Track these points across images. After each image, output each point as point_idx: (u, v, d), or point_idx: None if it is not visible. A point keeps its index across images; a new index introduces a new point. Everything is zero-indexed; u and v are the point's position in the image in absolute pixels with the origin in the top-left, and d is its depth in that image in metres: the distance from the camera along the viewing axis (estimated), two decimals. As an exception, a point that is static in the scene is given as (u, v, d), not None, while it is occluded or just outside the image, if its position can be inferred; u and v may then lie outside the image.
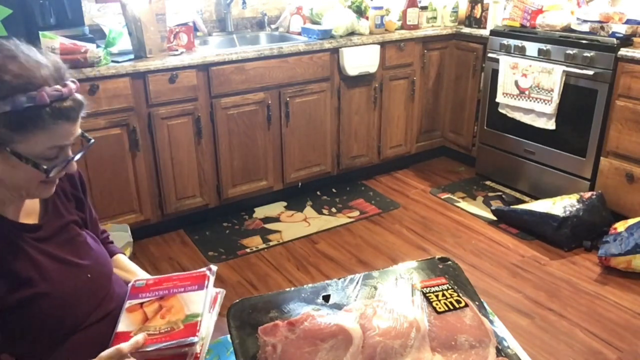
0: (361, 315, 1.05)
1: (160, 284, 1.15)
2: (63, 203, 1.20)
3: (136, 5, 2.67)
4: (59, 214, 1.18)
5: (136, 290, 1.15)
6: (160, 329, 1.05)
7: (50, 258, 1.10)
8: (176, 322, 1.05)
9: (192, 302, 1.08)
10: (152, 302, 1.11)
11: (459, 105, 3.84)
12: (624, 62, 2.82)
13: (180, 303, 1.09)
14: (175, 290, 1.12)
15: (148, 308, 1.10)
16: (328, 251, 2.91)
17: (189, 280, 1.13)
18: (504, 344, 1.07)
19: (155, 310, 1.09)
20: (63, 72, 1.04)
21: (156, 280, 1.17)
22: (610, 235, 2.71)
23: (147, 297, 1.12)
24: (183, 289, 1.11)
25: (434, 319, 1.07)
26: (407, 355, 0.98)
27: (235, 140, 3.05)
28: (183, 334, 1.02)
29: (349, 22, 3.30)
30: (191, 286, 1.12)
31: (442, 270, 1.26)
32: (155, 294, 1.13)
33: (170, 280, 1.15)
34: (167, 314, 1.07)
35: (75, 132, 1.05)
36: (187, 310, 1.06)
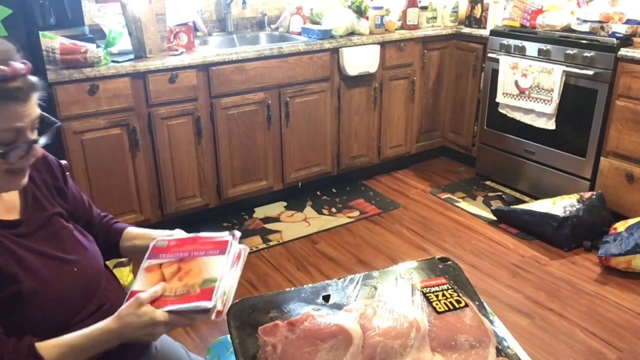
0: (361, 315, 1.05)
1: (182, 245, 1.12)
2: (45, 196, 1.18)
3: (136, 5, 2.67)
4: (41, 208, 1.16)
5: (157, 250, 1.13)
6: (177, 291, 1.03)
7: (34, 254, 1.08)
8: (193, 286, 1.03)
9: (211, 266, 1.06)
10: (171, 263, 1.09)
11: (459, 105, 3.84)
12: (624, 62, 2.82)
13: (199, 266, 1.06)
14: (196, 253, 1.09)
15: (167, 269, 1.08)
16: (328, 251, 2.91)
17: (211, 245, 1.10)
18: (504, 344, 1.07)
19: (173, 272, 1.07)
20: (11, 54, 1.03)
21: (178, 241, 1.14)
22: (610, 235, 2.71)
23: (167, 259, 1.10)
24: (204, 252, 1.09)
25: (434, 319, 1.07)
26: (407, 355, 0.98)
27: (235, 140, 3.05)
28: (199, 297, 1.01)
29: (349, 22, 3.30)
30: (213, 250, 1.09)
31: (442, 270, 1.26)
32: (175, 255, 1.11)
33: (193, 243, 1.12)
34: (185, 277, 1.05)
35: (30, 114, 1.03)
36: (206, 274, 1.04)
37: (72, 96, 2.49)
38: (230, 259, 1.08)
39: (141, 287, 1.05)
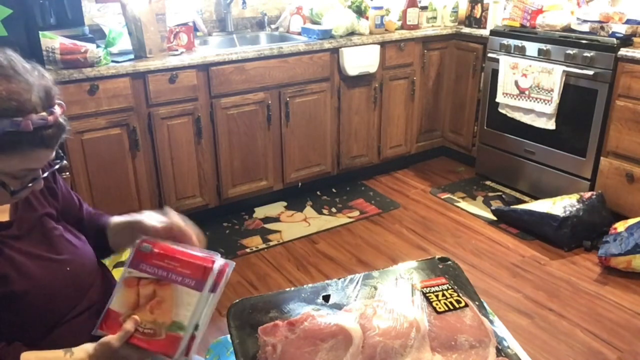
0: (361, 315, 1.05)
1: (163, 259, 1.08)
2: (36, 196, 1.17)
3: (136, 5, 2.67)
4: (32, 209, 1.15)
5: (140, 256, 1.09)
6: (145, 327, 1.02)
7: (25, 255, 1.08)
8: (160, 327, 1.01)
9: (182, 303, 1.03)
10: (149, 282, 1.06)
11: (459, 105, 3.84)
12: (624, 62, 2.82)
13: (172, 299, 1.03)
14: (173, 276, 1.05)
15: (143, 289, 1.06)
16: (328, 251, 2.91)
17: (190, 269, 1.05)
18: (504, 344, 1.07)
19: (148, 296, 1.05)
20: (53, 95, 1.01)
21: (162, 250, 1.09)
22: (610, 235, 2.71)
23: (146, 274, 1.07)
24: (181, 278, 1.04)
25: (434, 319, 1.07)
26: (407, 355, 0.98)
27: (235, 140, 3.05)
28: (162, 346, 1.00)
29: (349, 22, 3.30)
30: (189, 279, 1.04)
31: (442, 270, 1.26)
32: (154, 271, 1.07)
33: (175, 260, 1.07)
34: (156, 309, 1.03)
35: (50, 157, 1.03)
36: (175, 314, 1.02)
37: (72, 96, 2.49)
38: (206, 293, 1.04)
39: (118, 306, 1.06)
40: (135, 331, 1.02)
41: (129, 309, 1.05)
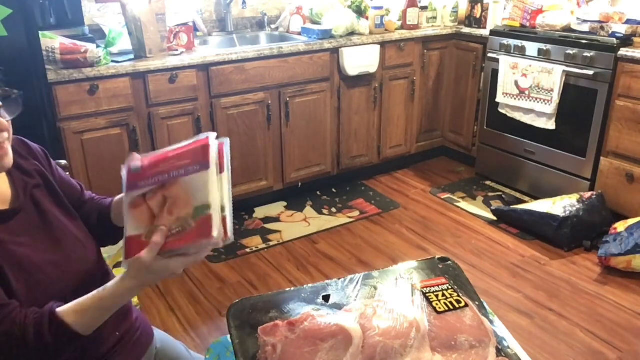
0: (361, 315, 1.05)
1: (158, 164, 0.99)
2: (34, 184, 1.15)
3: (136, 5, 2.67)
4: (31, 196, 1.14)
5: (133, 178, 1.00)
6: (172, 228, 0.94)
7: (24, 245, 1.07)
8: (186, 219, 0.93)
9: (197, 189, 0.94)
10: (154, 193, 0.97)
11: (459, 105, 3.84)
12: (624, 62, 2.82)
13: (185, 192, 0.95)
14: (175, 173, 0.96)
15: (152, 201, 0.97)
16: (328, 251, 2.91)
17: (188, 158, 0.97)
18: (504, 344, 1.07)
19: (160, 203, 0.96)
20: None
21: (151, 160, 1.01)
22: (610, 235, 2.71)
23: (148, 186, 0.98)
24: (184, 170, 0.96)
25: (434, 319, 1.07)
26: (407, 355, 0.98)
27: (235, 140, 3.05)
28: (197, 235, 0.92)
29: (349, 22, 3.30)
30: (192, 166, 0.96)
31: (442, 270, 1.26)
32: (154, 180, 0.98)
33: (167, 159, 0.98)
34: (174, 209, 0.95)
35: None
36: (195, 200, 0.93)
37: (72, 96, 2.49)
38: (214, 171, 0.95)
39: (134, 230, 0.97)
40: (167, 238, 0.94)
41: (147, 225, 0.97)
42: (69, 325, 0.96)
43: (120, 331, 1.21)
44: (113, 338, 1.18)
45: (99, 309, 0.99)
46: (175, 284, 2.62)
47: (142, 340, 1.27)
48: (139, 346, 1.25)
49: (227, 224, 0.95)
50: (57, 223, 1.15)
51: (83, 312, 0.98)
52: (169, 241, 0.93)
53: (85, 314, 0.98)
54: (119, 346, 1.20)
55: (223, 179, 0.97)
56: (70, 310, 0.98)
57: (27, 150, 1.19)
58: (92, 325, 1.00)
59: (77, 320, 0.98)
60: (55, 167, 1.25)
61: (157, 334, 1.36)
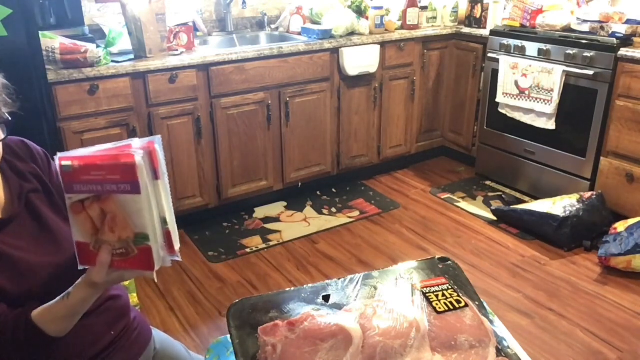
0: (361, 315, 1.05)
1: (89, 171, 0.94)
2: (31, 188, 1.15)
3: (136, 5, 2.67)
4: (28, 201, 1.13)
5: (68, 178, 0.96)
6: (115, 247, 0.95)
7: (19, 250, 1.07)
8: (128, 243, 0.94)
9: (132, 212, 0.93)
10: (91, 202, 0.95)
11: (459, 105, 3.84)
12: (624, 62, 2.82)
13: (121, 211, 0.94)
14: (108, 187, 0.93)
15: (91, 211, 0.95)
16: (328, 251, 2.91)
17: (116, 172, 0.92)
18: (504, 344, 1.07)
19: (99, 216, 0.95)
20: None
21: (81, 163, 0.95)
22: (610, 235, 2.71)
23: (83, 193, 0.95)
24: (115, 186, 0.93)
25: (434, 319, 1.07)
26: (407, 355, 0.98)
27: (235, 140, 3.05)
28: (139, 263, 0.95)
29: (349, 22, 3.30)
30: (123, 184, 0.92)
31: (442, 270, 1.26)
32: (89, 188, 0.95)
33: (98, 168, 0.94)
34: (115, 227, 0.94)
35: None
36: (134, 226, 0.93)
37: (72, 96, 2.49)
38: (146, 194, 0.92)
39: (82, 237, 0.97)
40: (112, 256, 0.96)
41: (92, 235, 0.97)
42: (42, 330, 1.00)
43: (116, 330, 1.21)
44: (108, 337, 1.19)
45: (65, 316, 1.02)
46: (175, 284, 2.62)
47: (139, 340, 1.27)
48: (136, 345, 1.25)
49: (171, 236, 0.95)
50: (55, 227, 1.15)
51: (52, 318, 1.02)
52: (115, 260, 0.95)
53: (54, 320, 1.02)
54: (115, 345, 1.20)
55: (159, 186, 0.94)
56: (41, 315, 1.01)
57: (28, 153, 1.18)
58: (64, 328, 1.04)
59: (48, 325, 1.01)
60: (55, 173, 1.23)
61: (157, 335, 1.36)
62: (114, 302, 1.22)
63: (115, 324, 1.21)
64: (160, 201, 0.95)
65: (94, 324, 1.15)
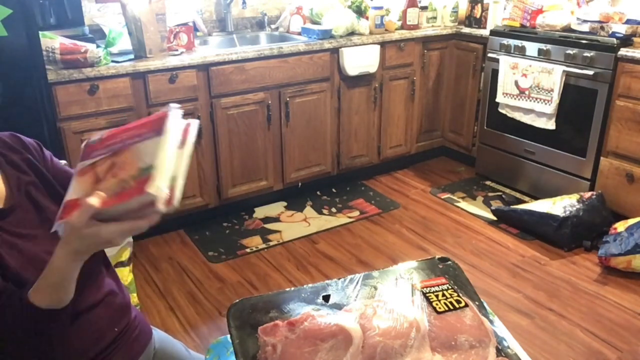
0: (361, 315, 1.05)
1: (116, 136, 0.95)
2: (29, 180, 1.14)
3: (136, 5, 2.67)
4: (27, 192, 1.12)
5: (90, 149, 0.96)
6: (111, 190, 0.88)
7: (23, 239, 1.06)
8: (127, 180, 0.88)
9: (147, 153, 0.89)
10: (104, 160, 0.93)
11: (459, 105, 3.84)
12: (624, 62, 2.82)
13: (134, 156, 0.90)
14: (129, 141, 0.92)
15: (100, 168, 0.92)
16: (328, 251, 2.91)
17: (146, 127, 0.93)
18: (504, 344, 1.07)
19: (107, 168, 0.92)
20: None
21: (112, 132, 0.97)
22: (610, 235, 2.71)
23: (100, 155, 0.94)
24: (139, 137, 0.92)
25: (434, 319, 1.07)
26: (407, 355, 0.98)
27: (235, 140, 3.05)
28: (134, 192, 0.87)
29: (349, 22, 3.30)
30: (148, 133, 0.91)
31: (442, 270, 1.26)
32: (108, 149, 0.94)
33: (127, 130, 0.95)
34: (119, 172, 0.90)
35: None
36: (142, 162, 0.89)
37: (72, 96, 2.49)
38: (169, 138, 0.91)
39: (74, 194, 0.92)
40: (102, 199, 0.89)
41: (88, 189, 0.91)
42: (33, 303, 0.95)
43: (119, 327, 1.21)
44: (111, 333, 1.19)
45: (49, 284, 0.96)
46: (175, 284, 2.62)
47: (140, 338, 1.27)
48: (137, 344, 1.25)
49: (174, 192, 0.89)
50: (54, 217, 1.14)
51: (39, 288, 0.96)
52: (104, 201, 0.87)
53: (41, 289, 0.96)
54: (117, 342, 1.20)
55: (183, 153, 0.93)
56: (33, 288, 0.97)
57: (20, 144, 1.17)
58: (52, 299, 0.97)
59: (37, 296, 0.95)
60: (50, 158, 1.22)
61: (157, 334, 1.36)
62: (114, 298, 1.21)
63: (118, 321, 1.21)
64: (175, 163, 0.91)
65: (97, 318, 1.14)
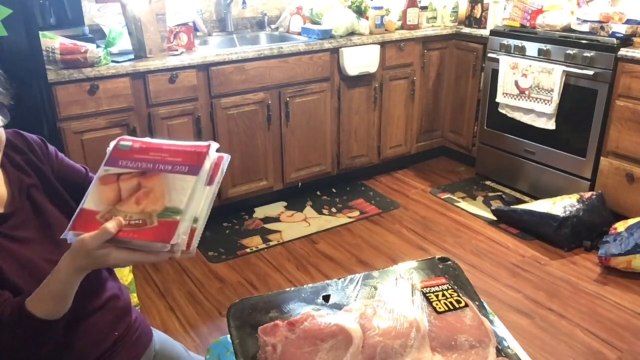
0: (361, 315, 1.05)
1: (147, 152, 0.93)
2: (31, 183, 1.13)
3: (136, 5, 2.67)
4: (29, 195, 1.11)
5: (117, 154, 0.94)
6: (132, 218, 0.86)
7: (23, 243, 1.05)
8: (150, 215, 0.86)
9: (176, 189, 0.88)
10: (131, 176, 0.90)
11: (459, 105, 3.84)
12: (624, 62, 2.82)
13: (162, 187, 0.89)
14: (161, 166, 0.90)
15: (124, 183, 0.90)
16: (328, 251, 2.91)
17: (181, 156, 0.91)
18: (504, 344, 1.07)
19: (132, 189, 0.89)
20: None
21: (144, 145, 0.95)
22: (610, 235, 2.71)
23: (127, 168, 0.92)
24: (171, 166, 0.90)
25: (434, 319, 1.07)
26: (407, 355, 0.98)
27: (235, 140, 3.05)
28: (155, 234, 0.85)
29: (349, 22, 3.30)
30: (181, 165, 0.90)
31: (442, 270, 1.26)
32: (137, 165, 0.92)
33: (161, 150, 0.93)
34: (143, 199, 0.88)
35: None
36: (168, 200, 0.87)
37: (72, 96, 2.49)
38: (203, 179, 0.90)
39: (93, 204, 0.89)
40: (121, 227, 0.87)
41: (108, 205, 0.88)
42: (31, 312, 0.93)
43: (119, 331, 1.21)
44: (112, 337, 1.19)
45: (50, 295, 0.94)
46: (175, 284, 2.62)
47: (140, 340, 1.27)
48: (137, 346, 1.25)
49: (194, 236, 0.88)
50: (56, 221, 1.13)
51: (39, 298, 0.94)
52: (123, 230, 0.86)
53: (41, 299, 0.94)
54: (118, 345, 1.20)
55: (209, 191, 0.92)
56: (31, 297, 0.95)
57: (24, 142, 1.16)
58: (51, 310, 0.95)
59: (36, 306, 0.93)
60: (55, 154, 1.21)
61: (156, 335, 1.36)
62: (116, 302, 1.21)
63: (118, 323, 1.21)
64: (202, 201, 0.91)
65: (98, 322, 1.15)
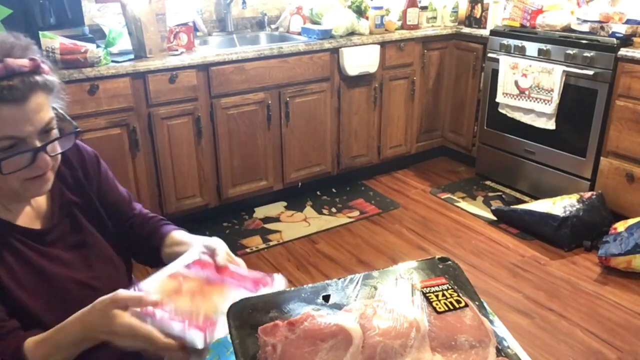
0: (361, 315, 1.05)
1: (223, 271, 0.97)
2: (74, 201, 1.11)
3: (136, 5, 2.67)
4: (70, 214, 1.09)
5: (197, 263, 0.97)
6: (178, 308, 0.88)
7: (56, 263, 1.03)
8: (198, 311, 0.88)
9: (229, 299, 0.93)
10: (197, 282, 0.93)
11: (459, 105, 3.84)
12: (624, 62, 2.82)
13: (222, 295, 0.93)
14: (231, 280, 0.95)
15: (188, 283, 0.91)
16: (328, 251, 2.91)
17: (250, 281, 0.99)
18: (504, 344, 1.06)
19: (192, 289, 0.91)
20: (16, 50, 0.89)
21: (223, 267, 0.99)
22: (610, 235, 2.71)
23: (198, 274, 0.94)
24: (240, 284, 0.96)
25: (434, 319, 1.07)
26: (407, 355, 0.98)
27: (235, 140, 3.05)
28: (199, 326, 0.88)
29: (349, 22, 3.30)
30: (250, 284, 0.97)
31: (442, 270, 1.25)
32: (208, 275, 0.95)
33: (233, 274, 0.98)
34: (198, 297, 0.90)
35: (30, 119, 0.90)
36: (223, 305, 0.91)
37: (72, 96, 2.48)
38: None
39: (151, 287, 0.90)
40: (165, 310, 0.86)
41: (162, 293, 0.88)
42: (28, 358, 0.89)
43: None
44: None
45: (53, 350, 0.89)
46: (175, 284, 2.62)
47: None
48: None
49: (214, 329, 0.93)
50: (92, 241, 1.11)
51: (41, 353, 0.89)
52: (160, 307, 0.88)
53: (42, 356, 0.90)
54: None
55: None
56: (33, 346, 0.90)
57: (78, 157, 1.13)
58: None
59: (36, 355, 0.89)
60: (105, 173, 1.19)
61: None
62: None
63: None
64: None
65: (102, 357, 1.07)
